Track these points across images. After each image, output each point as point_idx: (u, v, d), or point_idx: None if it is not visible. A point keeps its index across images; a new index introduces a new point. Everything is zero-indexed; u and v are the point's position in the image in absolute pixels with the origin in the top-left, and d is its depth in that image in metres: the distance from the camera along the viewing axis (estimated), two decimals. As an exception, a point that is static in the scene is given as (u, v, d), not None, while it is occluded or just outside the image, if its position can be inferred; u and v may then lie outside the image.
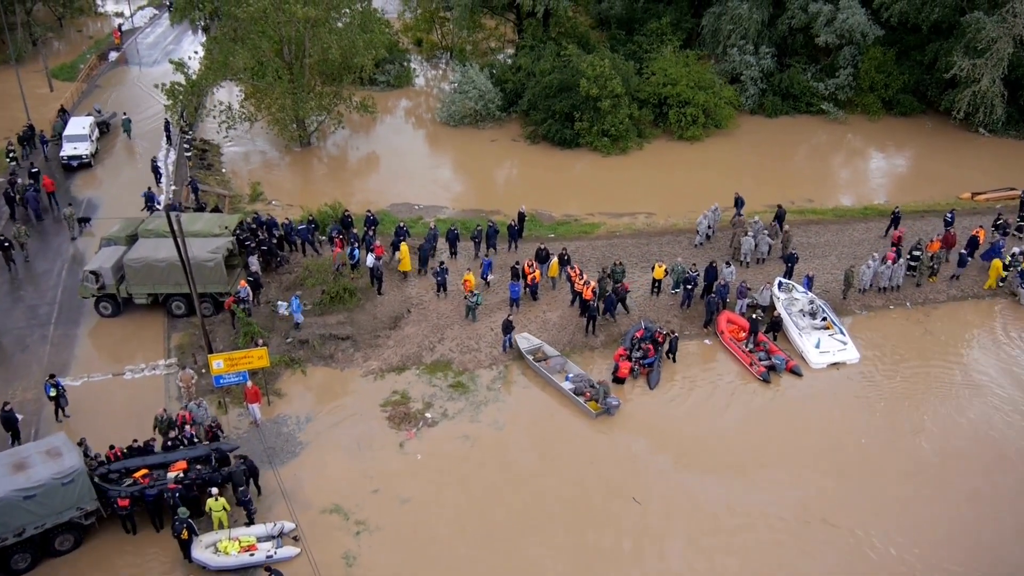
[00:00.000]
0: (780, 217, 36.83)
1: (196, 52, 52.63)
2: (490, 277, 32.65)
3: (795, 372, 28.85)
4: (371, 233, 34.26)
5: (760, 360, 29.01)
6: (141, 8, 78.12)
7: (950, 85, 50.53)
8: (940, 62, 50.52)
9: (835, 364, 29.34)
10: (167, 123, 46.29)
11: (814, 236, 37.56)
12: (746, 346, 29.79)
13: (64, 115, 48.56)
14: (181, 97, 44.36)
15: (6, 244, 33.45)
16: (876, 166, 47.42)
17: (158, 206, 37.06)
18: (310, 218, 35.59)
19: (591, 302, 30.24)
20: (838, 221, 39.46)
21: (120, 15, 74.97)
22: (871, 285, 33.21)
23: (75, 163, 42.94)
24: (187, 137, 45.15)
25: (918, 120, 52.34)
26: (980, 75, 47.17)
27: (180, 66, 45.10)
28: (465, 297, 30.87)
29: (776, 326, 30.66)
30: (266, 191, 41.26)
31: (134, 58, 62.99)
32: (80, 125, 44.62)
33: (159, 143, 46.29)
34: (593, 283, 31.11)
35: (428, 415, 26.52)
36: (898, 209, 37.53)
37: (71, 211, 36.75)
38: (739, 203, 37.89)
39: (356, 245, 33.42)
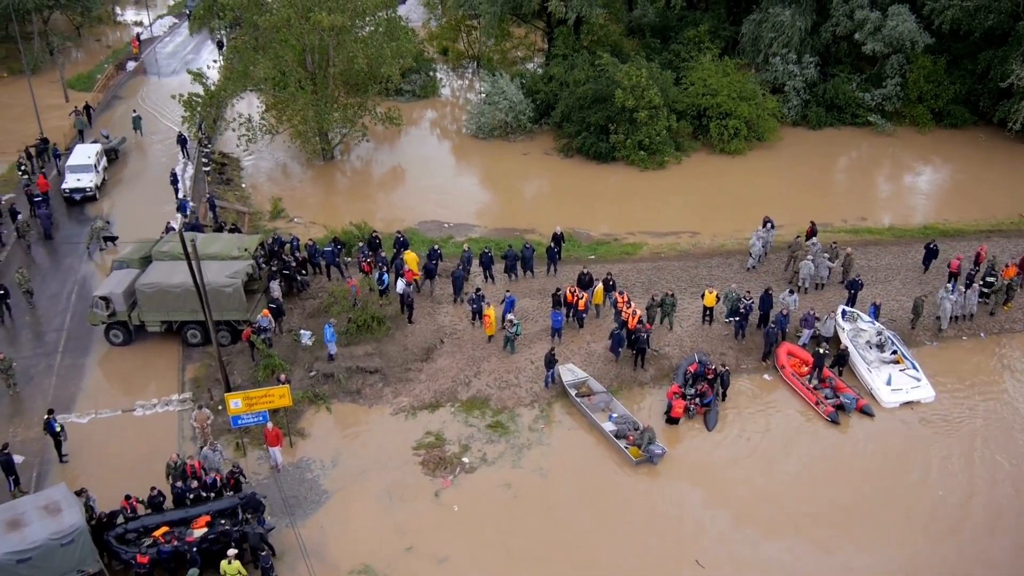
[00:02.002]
0: (813, 234, 34.15)
1: (215, 61, 50.81)
2: (510, 317, 28.89)
3: (866, 412, 26.23)
4: (401, 256, 31.91)
5: (827, 398, 26.43)
6: (160, 17, 76.89)
7: (1005, 95, 47.78)
8: (994, 71, 47.82)
9: (908, 403, 26.72)
10: (183, 137, 44.27)
11: (874, 258, 34.85)
12: (810, 382, 27.22)
13: (89, 112, 46.87)
14: (199, 109, 42.49)
15: (2, 292, 29.60)
16: (928, 181, 44.67)
17: (184, 217, 34.88)
18: (335, 238, 33.37)
19: (639, 332, 27.73)
20: (898, 242, 36.70)
21: (139, 24, 73.66)
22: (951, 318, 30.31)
23: (78, 196, 38.31)
24: (205, 151, 43.14)
25: (971, 132, 49.52)
26: (1039, 85, 44.59)
27: (199, 76, 43.31)
28: (502, 327, 28.47)
29: (842, 360, 27.98)
30: (287, 207, 39.13)
31: (152, 68, 61.39)
32: (85, 154, 39.64)
33: (170, 168, 42.61)
34: (640, 311, 28.69)
35: (465, 459, 24.14)
36: (934, 243, 33.81)
37: (102, 225, 34.92)
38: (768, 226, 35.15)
39: (384, 269, 31.09)
